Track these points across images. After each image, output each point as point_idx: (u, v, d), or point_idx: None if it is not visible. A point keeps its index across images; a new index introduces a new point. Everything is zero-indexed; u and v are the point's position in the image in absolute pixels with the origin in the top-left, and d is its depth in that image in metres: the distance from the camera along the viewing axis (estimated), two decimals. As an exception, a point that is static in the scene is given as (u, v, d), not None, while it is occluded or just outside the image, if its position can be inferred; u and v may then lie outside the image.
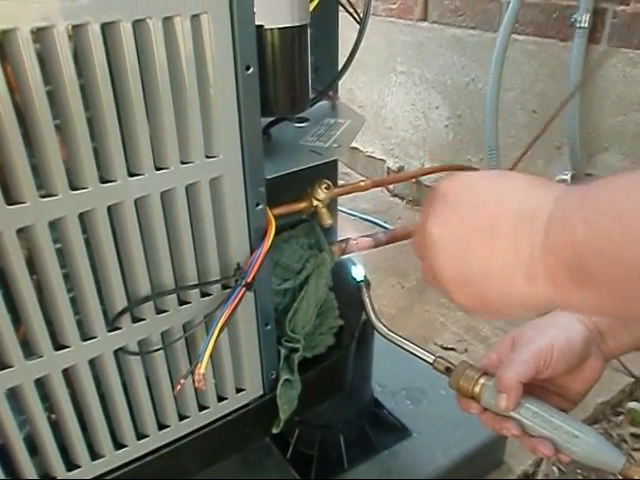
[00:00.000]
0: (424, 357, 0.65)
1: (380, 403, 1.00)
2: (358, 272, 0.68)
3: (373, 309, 0.67)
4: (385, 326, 0.66)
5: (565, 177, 1.40)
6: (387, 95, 1.95)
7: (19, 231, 0.43)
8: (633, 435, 1.09)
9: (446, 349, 1.30)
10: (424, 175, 1.76)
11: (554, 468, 1.03)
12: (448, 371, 0.61)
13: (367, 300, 0.67)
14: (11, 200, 0.42)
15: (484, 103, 1.47)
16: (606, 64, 1.24)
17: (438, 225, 0.40)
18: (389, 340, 0.66)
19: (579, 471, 1.03)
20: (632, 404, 1.16)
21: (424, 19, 1.72)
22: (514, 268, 0.36)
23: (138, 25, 0.42)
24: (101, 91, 0.42)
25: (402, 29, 1.79)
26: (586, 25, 1.24)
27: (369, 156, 2.11)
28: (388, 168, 2.05)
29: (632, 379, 1.18)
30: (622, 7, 1.20)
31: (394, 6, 1.79)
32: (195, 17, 0.44)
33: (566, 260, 0.32)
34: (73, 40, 0.40)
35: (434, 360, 0.63)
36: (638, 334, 0.58)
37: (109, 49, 0.42)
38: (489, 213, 0.37)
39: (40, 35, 0.39)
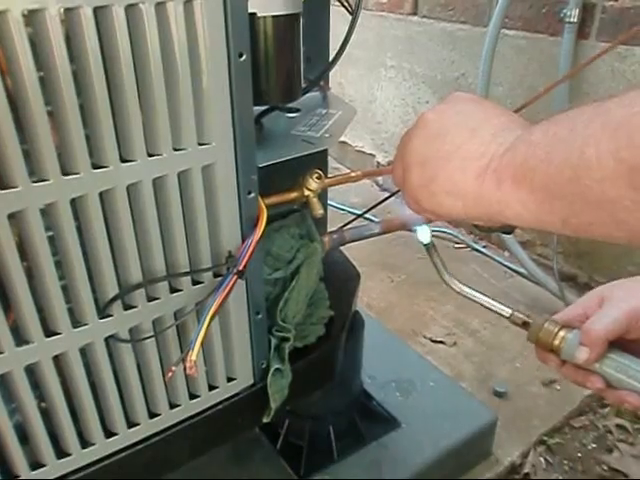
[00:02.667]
0: (501, 311, 0.62)
1: (369, 395, 1.01)
2: (424, 235, 0.66)
3: (445, 267, 0.66)
4: (459, 281, 0.65)
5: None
6: (377, 89, 1.95)
7: (10, 216, 0.43)
8: (618, 426, 1.11)
9: (435, 342, 1.31)
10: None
11: (541, 459, 1.04)
12: (525, 325, 0.60)
13: (437, 261, 0.66)
14: (2, 185, 0.41)
15: (474, 98, 1.48)
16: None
17: (434, 112, 0.47)
18: (464, 296, 0.64)
19: (565, 462, 1.04)
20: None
21: (414, 13, 1.72)
22: (473, 160, 0.41)
23: (131, 9, 0.42)
24: (93, 77, 0.42)
25: (392, 23, 1.80)
26: (575, 20, 1.25)
27: (359, 151, 2.12)
28: (378, 162, 2.05)
29: None
30: (611, 2, 1.21)
31: (384, 0, 1.79)
32: (188, 2, 0.44)
33: (514, 165, 0.38)
34: (65, 24, 0.40)
35: (510, 314, 0.61)
36: None
37: (101, 34, 0.42)
38: (476, 118, 0.44)
39: (32, 18, 0.39)
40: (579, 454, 1.06)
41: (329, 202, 0.98)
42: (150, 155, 0.47)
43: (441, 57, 1.68)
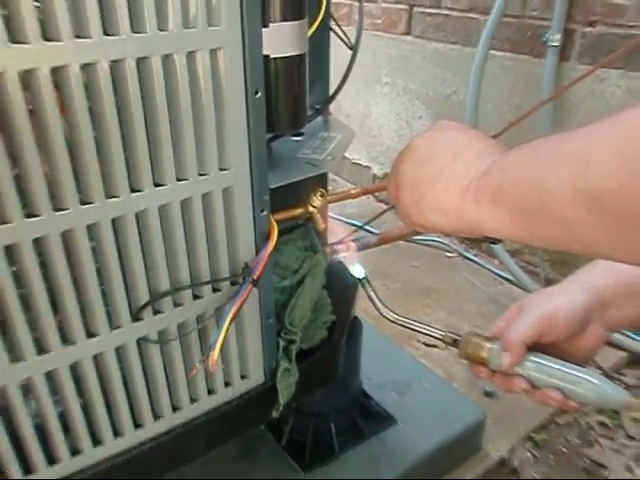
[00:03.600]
0: (433, 334, 0.68)
1: (368, 394, 1.07)
2: (358, 271, 0.74)
3: (379, 299, 0.72)
4: (393, 312, 0.71)
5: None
6: (372, 105, 2.03)
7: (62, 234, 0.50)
8: (599, 423, 1.18)
9: (429, 346, 1.38)
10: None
11: (528, 454, 1.11)
12: (456, 343, 0.65)
13: (372, 293, 0.72)
14: (56, 207, 0.49)
15: (464, 114, 1.56)
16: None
17: (422, 139, 0.55)
18: (399, 324, 0.70)
19: (551, 456, 1.11)
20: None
21: (408, 33, 1.81)
22: (456, 182, 0.49)
23: (166, 58, 0.49)
24: (134, 114, 0.49)
25: (387, 42, 1.88)
26: (557, 44, 1.34)
27: (355, 163, 2.19)
28: (374, 175, 2.13)
29: (599, 372, 1.27)
30: (589, 28, 1.29)
31: (379, 20, 1.87)
32: (213, 51, 0.51)
33: (491, 187, 0.45)
34: (113, 71, 0.48)
35: (443, 336, 0.67)
36: None
37: (141, 77, 0.49)
38: (458, 145, 0.51)
39: (87, 70, 0.46)
40: (563, 449, 1.13)
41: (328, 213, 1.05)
42: (179, 180, 0.55)
43: (433, 75, 1.76)
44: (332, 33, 0.77)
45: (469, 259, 1.76)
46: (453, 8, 1.63)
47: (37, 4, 0.42)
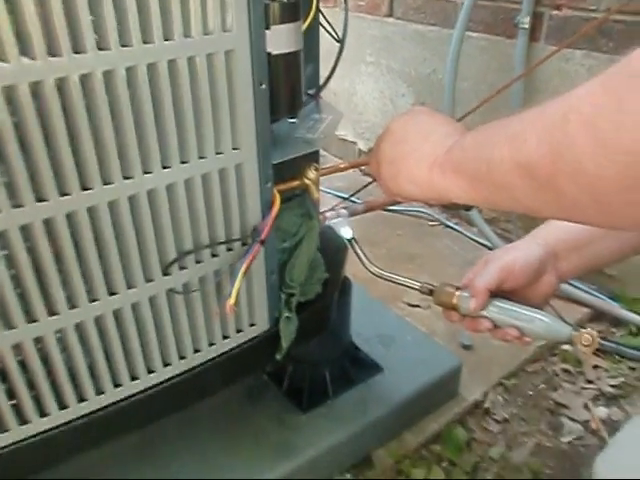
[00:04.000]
0: (412, 285, 0.80)
1: (357, 347, 1.20)
2: (346, 232, 0.86)
3: (365, 255, 0.85)
4: (377, 266, 0.84)
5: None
6: (358, 84, 2.14)
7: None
8: (563, 370, 1.33)
9: (412, 306, 1.52)
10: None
11: (499, 397, 1.26)
12: (432, 292, 0.77)
13: (359, 251, 0.85)
14: (105, 181, 0.61)
15: (443, 91, 1.68)
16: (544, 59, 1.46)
17: (398, 123, 0.68)
18: (382, 278, 0.83)
19: (519, 399, 1.26)
20: (564, 346, 1.40)
21: (390, 15, 1.91)
22: (426, 159, 0.60)
23: (190, 59, 0.61)
24: (165, 105, 0.61)
25: (370, 24, 1.98)
26: (527, 26, 1.45)
27: (342, 139, 2.31)
28: (359, 149, 2.25)
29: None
30: (556, 12, 1.41)
31: (363, 3, 1.97)
32: (227, 52, 0.63)
33: (453, 162, 0.56)
34: (149, 71, 0.59)
35: (421, 286, 0.78)
36: (587, 259, 0.74)
37: (170, 75, 0.61)
38: (428, 128, 0.63)
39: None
40: (530, 392, 1.28)
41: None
42: (200, 158, 0.66)
43: (414, 55, 1.87)
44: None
45: (450, 227, 1.89)
46: (432, -9, 1.73)
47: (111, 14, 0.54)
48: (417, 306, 1.52)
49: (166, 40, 0.58)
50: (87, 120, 0.57)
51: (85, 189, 0.60)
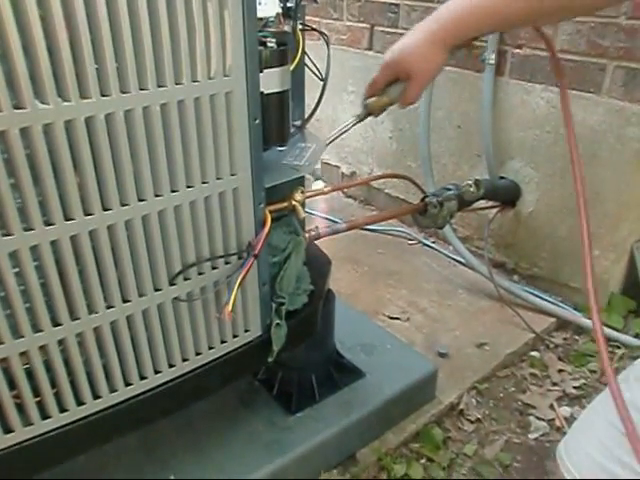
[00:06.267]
0: (351, 124, 1.11)
1: (341, 354, 1.30)
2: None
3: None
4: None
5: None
6: (340, 111, 2.27)
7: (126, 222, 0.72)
8: (531, 374, 1.44)
9: (392, 318, 1.63)
10: (373, 180, 2.09)
11: (473, 400, 1.36)
12: (366, 109, 1.11)
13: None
14: (123, 202, 0.71)
15: (419, 119, 1.81)
16: (509, 92, 1.60)
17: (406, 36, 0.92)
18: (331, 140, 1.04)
19: (491, 401, 1.37)
20: (532, 353, 1.51)
21: (370, 48, 2.05)
22: (422, 35, 0.90)
23: (197, 100, 0.72)
24: (175, 139, 0.72)
25: (352, 56, 2.12)
26: (493, 62, 1.59)
27: (325, 163, 2.43)
28: (342, 173, 2.37)
29: (533, 335, 1.54)
30: (517, 50, 1.55)
31: (345, 37, 2.11)
32: (227, 93, 0.74)
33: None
34: (162, 110, 0.70)
35: (359, 115, 1.12)
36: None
37: (180, 114, 0.71)
38: (421, 28, 0.89)
39: (146, 111, 0.68)
40: (501, 395, 1.39)
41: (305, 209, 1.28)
42: (203, 183, 0.77)
43: (392, 85, 2.00)
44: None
45: (428, 246, 2.01)
46: (408, 28, 1.87)
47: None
48: (397, 318, 1.63)
49: (177, 84, 0.69)
50: (110, 152, 0.67)
51: (106, 210, 0.70)
